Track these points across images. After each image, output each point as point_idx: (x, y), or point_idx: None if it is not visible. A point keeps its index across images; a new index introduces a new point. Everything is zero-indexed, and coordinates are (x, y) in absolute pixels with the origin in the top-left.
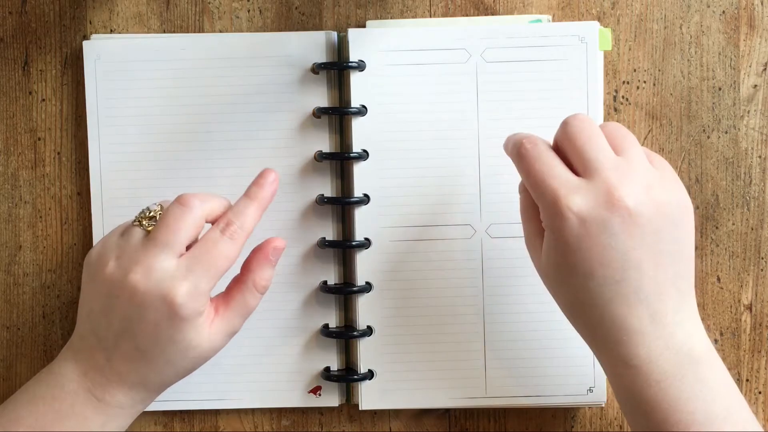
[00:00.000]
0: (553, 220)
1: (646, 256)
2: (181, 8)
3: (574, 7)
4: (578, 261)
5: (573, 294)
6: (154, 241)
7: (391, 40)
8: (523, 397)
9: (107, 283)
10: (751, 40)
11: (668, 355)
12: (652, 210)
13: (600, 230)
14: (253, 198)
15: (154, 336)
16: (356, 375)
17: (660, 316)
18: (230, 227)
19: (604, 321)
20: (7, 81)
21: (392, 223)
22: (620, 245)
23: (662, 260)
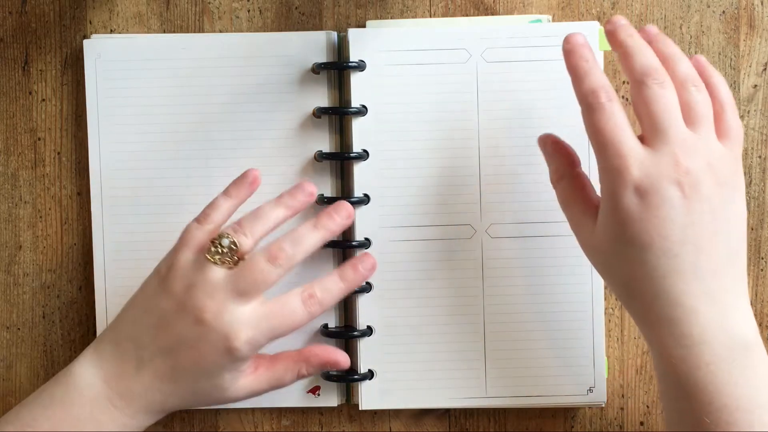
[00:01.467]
0: (615, 186)
1: (703, 233)
2: (181, 8)
3: (574, 7)
4: (637, 231)
5: (629, 267)
6: (235, 289)
7: (391, 40)
8: (523, 397)
9: (174, 303)
10: (751, 40)
11: (721, 337)
12: (712, 188)
13: (661, 202)
14: (345, 280)
15: (197, 365)
16: (356, 375)
17: (715, 295)
18: (312, 300)
19: (659, 297)
20: (7, 81)
21: (392, 223)
22: (679, 219)
23: (718, 239)
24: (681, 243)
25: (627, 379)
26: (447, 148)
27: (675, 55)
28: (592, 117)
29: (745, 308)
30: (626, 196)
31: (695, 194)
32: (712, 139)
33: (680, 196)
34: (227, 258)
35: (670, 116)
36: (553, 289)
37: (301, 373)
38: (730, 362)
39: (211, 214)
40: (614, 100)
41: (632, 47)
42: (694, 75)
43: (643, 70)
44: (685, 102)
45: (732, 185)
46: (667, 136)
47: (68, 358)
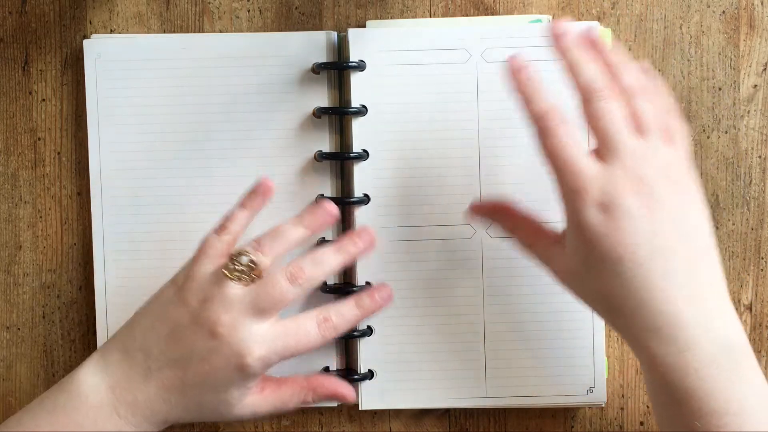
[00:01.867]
0: (578, 206)
1: (670, 237)
2: (181, 8)
3: (574, 7)
4: (606, 247)
5: (606, 283)
6: (252, 305)
7: (391, 40)
8: (523, 397)
9: (188, 314)
10: (751, 40)
11: (707, 342)
12: (668, 193)
13: (623, 214)
14: (362, 309)
15: (206, 379)
16: (356, 375)
17: (695, 298)
18: (327, 324)
19: (640, 308)
20: (7, 81)
21: (392, 223)
22: (644, 227)
23: (686, 240)
24: (650, 251)
25: (627, 379)
26: (447, 148)
27: (620, 65)
28: (546, 141)
29: (728, 310)
30: (590, 214)
31: (653, 202)
32: (660, 145)
33: (639, 205)
34: (245, 275)
35: (617, 129)
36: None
37: (306, 401)
38: (717, 366)
39: (229, 225)
40: (565, 120)
41: (577, 61)
42: (640, 83)
43: (588, 86)
44: (632, 112)
45: (686, 186)
46: (617, 149)
47: (68, 358)
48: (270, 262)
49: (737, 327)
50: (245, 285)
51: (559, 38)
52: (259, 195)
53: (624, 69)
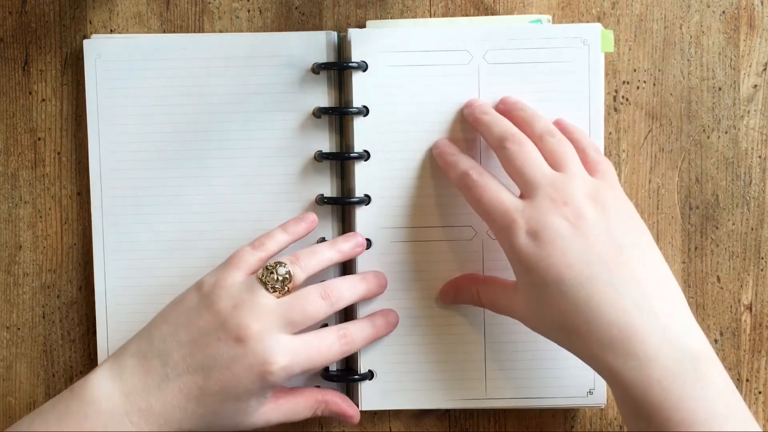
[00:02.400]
0: (510, 240)
1: (606, 250)
2: (181, 8)
3: (574, 7)
4: (544, 270)
5: (555, 307)
6: (284, 316)
7: (392, 41)
8: (522, 398)
9: (215, 320)
10: (751, 40)
11: (667, 351)
12: (595, 212)
13: (553, 236)
14: (376, 328)
15: (227, 387)
16: (356, 375)
17: (648, 309)
18: (346, 339)
19: (592, 323)
20: (7, 81)
21: (393, 223)
22: (576, 245)
23: (625, 251)
24: (588, 265)
25: None
26: None
27: (531, 117)
28: (470, 195)
29: (687, 318)
30: (522, 243)
31: (581, 219)
32: (581, 175)
33: (568, 224)
34: (279, 285)
35: (532, 165)
36: None
37: (316, 414)
38: (681, 376)
39: (266, 243)
40: (483, 173)
41: (488, 121)
42: (550, 127)
43: (499, 136)
44: (546, 151)
45: (617, 208)
46: (536, 182)
47: (68, 358)
48: (304, 278)
49: (697, 334)
50: (278, 296)
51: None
52: (302, 223)
53: (536, 119)
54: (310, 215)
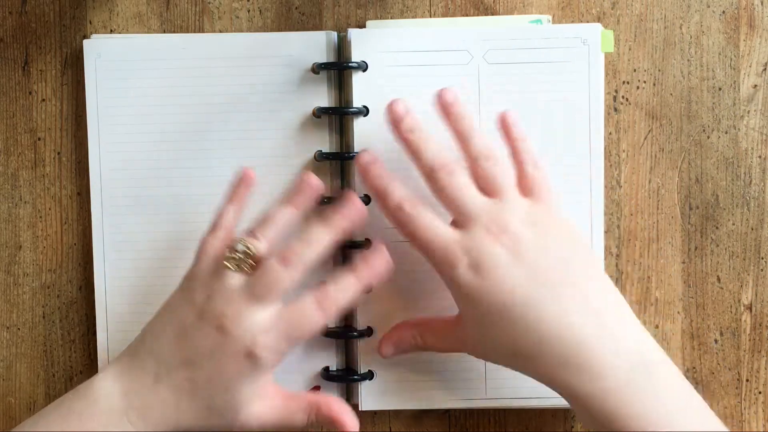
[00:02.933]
0: (450, 274)
1: (547, 272)
2: (181, 8)
3: (574, 7)
4: (487, 299)
5: (504, 334)
6: (251, 294)
7: (393, 41)
8: (522, 398)
9: (194, 312)
10: (751, 40)
11: (619, 361)
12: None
13: (492, 265)
14: (360, 279)
15: (216, 377)
16: (356, 375)
17: (594, 318)
18: (327, 301)
19: (543, 343)
20: (7, 81)
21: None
22: (516, 270)
23: (568, 269)
24: (530, 288)
25: None
26: (448, 150)
27: (466, 132)
28: (406, 228)
29: (635, 327)
30: (463, 276)
31: (518, 245)
32: (514, 200)
33: (506, 252)
34: (243, 263)
35: (464, 196)
36: None
37: (311, 419)
38: (635, 385)
39: (219, 222)
40: (417, 205)
41: (415, 143)
42: (485, 147)
43: (430, 165)
44: (480, 177)
45: (553, 227)
46: (470, 213)
47: (68, 358)
48: (265, 248)
49: (647, 341)
50: (247, 274)
51: (397, 124)
52: (241, 186)
53: (471, 135)
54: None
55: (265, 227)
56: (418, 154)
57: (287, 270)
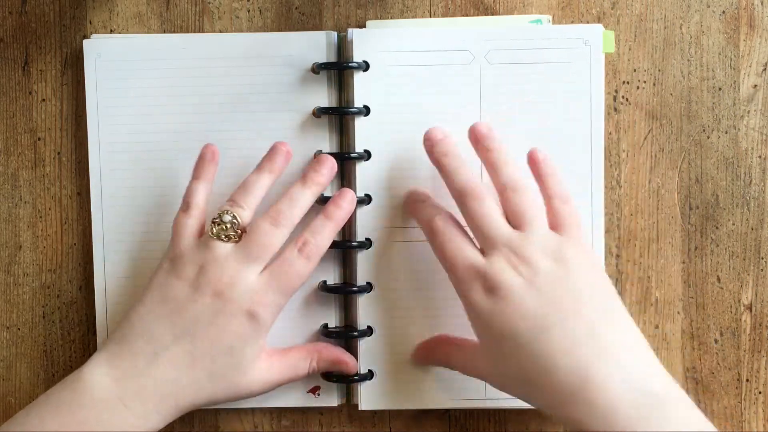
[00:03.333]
0: (468, 295)
1: (562, 302)
2: (181, 8)
3: (574, 7)
4: (499, 324)
5: (514, 361)
6: (244, 255)
7: (394, 41)
8: None
9: (187, 286)
10: (751, 40)
11: (629, 396)
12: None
13: (508, 291)
14: (330, 218)
15: (217, 342)
16: (356, 375)
17: (605, 352)
18: (307, 246)
19: (551, 374)
20: (7, 81)
21: (394, 223)
22: (531, 299)
23: (582, 301)
24: (543, 317)
25: None
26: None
27: (498, 162)
28: (435, 242)
29: (647, 359)
30: (479, 300)
31: (535, 275)
32: (542, 233)
33: (522, 281)
34: (231, 233)
35: (490, 224)
36: None
37: (313, 366)
38: (646, 420)
39: (191, 200)
40: (450, 222)
41: (448, 167)
42: (514, 179)
43: (460, 190)
44: (508, 208)
45: (578, 262)
46: (494, 241)
47: (68, 358)
48: (250, 214)
49: (659, 374)
50: (234, 242)
51: (432, 147)
52: (206, 162)
53: (502, 166)
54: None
55: (245, 196)
56: (451, 178)
57: (278, 230)
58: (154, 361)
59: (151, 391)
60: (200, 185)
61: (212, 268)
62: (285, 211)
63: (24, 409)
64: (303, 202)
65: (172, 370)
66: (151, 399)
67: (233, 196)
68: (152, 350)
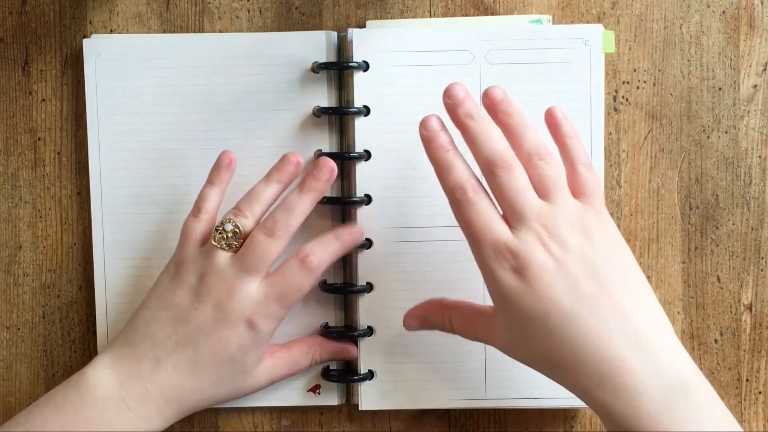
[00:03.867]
0: (494, 274)
1: (592, 283)
2: (181, 8)
3: (574, 7)
4: (529, 305)
5: (542, 341)
6: (240, 266)
7: (394, 41)
8: (522, 398)
9: (189, 293)
10: (751, 40)
11: (656, 382)
12: (581, 243)
13: (539, 271)
14: (338, 239)
15: (219, 352)
16: (356, 375)
17: (637, 338)
18: (309, 261)
19: (581, 357)
20: (7, 81)
21: (394, 223)
22: (561, 280)
23: (612, 283)
24: (574, 300)
25: None
26: None
27: (519, 129)
28: (461, 212)
29: (674, 345)
30: (507, 279)
31: (566, 254)
32: (568, 202)
33: (553, 260)
34: (233, 242)
35: (521, 197)
36: None
37: (315, 359)
38: (671, 406)
39: (202, 206)
40: (480, 192)
41: (475, 131)
42: (539, 146)
43: (489, 159)
44: (534, 176)
45: (602, 234)
46: (524, 215)
47: (68, 358)
48: (253, 224)
49: (685, 359)
50: (235, 251)
51: (455, 107)
52: (222, 168)
53: (525, 132)
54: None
55: (250, 204)
56: (478, 144)
57: (274, 241)
58: (157, 366)
59: (155, 395)
60: (213, 191)
61: (212, 277)
62: (281, 221)
63: (26, 408)
64: (300, 210)
65: (175, 376)
66: (154, 402)
67: (238, 205)
68: (156, 355)
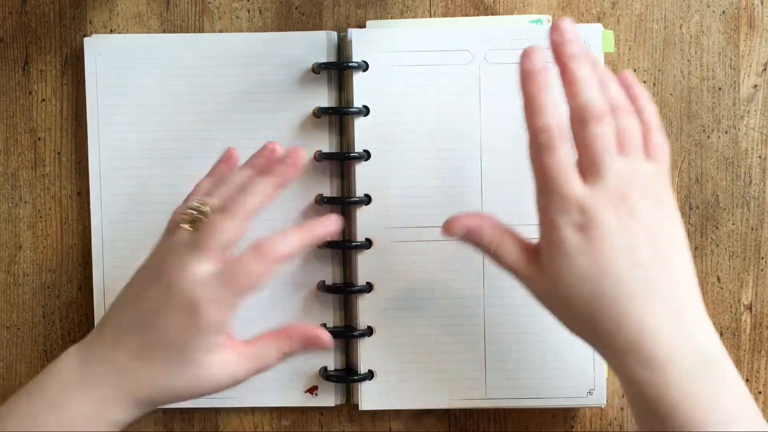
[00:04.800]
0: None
1: (651, 252)
2: (181, 8)
3: (574, 7)
4: (585, 266)
5: (587, 301)
6: (193, 242)
7: (393, 41)
8: (522, 398)
9: (148, 273)
10: (751, 40)
11: (688, 355)
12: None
13: (603, 233)
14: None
15: (166, 336)
16: (356, 375)
17: (677, 312)
18: (265, 249)
19: (623, 323)
20: (7, 81)
21: (393, 223)
22: (623, 244)
23: (665, 255)
24: (630, 267)
25: None
26: (449, 150)
27: (603, 78)
28: (541, 156)
29: (705, 321)
30: (568, 234)
31: (633, 220)
32: (641, 162)
33: (618, 223)
34: (195, 218)
35: (606, 153)
36: None
37: (284, 351)
38: (698, 379)
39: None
40: (564, 140)
41: (578, 77)
42: (623, 99)
43: (585, 107)
44: (616, 129)
45: (664, 201)
46: (603, 171)
47: None
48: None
49: (714, 338)
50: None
51: (560, 47)
52: (221, 162)
53: (609, 82)
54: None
55: (218, 186)
56: (576, 89)
57: (227, 219)
58: (114, 348)
59: (109, 378)
60: (207, 181)
61: (168, 254)
62: (236, 199)
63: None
64: (259, 190)
65: (129, 360)
66: (108, 385)
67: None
68: (115, 336)
